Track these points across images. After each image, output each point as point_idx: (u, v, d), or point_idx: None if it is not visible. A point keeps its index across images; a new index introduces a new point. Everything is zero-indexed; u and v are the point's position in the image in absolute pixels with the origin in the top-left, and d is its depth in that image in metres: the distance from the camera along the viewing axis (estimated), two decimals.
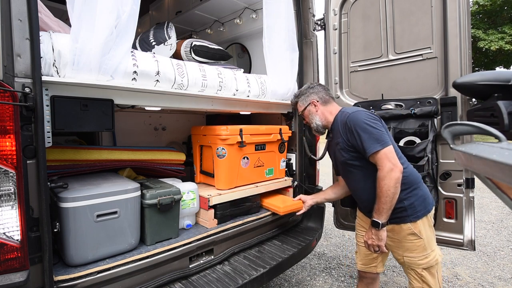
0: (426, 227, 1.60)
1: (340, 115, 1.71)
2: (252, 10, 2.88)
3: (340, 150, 1.68)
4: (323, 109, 1.83)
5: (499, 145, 0.59)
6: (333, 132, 1.76)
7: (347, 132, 1.60)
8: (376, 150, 1.47)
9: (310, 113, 1.85)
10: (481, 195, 5.79)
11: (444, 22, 2.02)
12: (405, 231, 1.59)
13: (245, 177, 2.24)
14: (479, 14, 17.06)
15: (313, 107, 1.84)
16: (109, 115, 1.42)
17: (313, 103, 1.84)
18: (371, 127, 1.51)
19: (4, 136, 1.06)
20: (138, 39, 2.01)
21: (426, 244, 1.58)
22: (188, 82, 1.78)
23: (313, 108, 1.84)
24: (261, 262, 1.92)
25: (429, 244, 1.59)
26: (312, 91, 1.88)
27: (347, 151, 1.64)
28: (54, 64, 1.28)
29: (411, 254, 1.60)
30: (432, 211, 1.64)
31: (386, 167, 1.46)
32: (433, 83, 2.10)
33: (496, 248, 3.54)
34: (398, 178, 1.45)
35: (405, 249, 1.62)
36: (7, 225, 1.07)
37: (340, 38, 2.52)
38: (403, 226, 1.58)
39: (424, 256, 1.58)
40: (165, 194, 1.70)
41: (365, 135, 1.50)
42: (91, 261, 1.45)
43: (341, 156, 1.68)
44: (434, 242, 1.64)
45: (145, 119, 2.68)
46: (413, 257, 1.59)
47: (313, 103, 1.84)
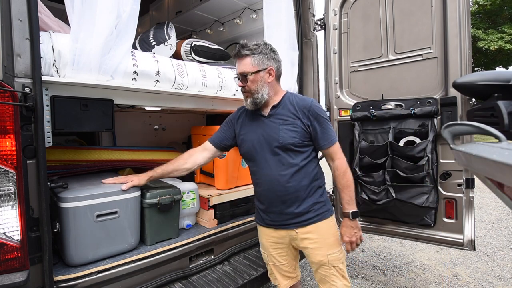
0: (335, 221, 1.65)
1: (294, 97, 1.55)
2: (252, 10, 2.88)
3: (289, 130, 1.48)
4: (275, 84, 1.55)
5: (499, 145, 0.59)
6: (276, 110, 1.53)
7: (309, 117, 1.47)
8: (336, 141, 1.51)
9: (262, 81, 1.48)
10: (481, 195, 5.79)
11: (444, 22, 2.02)
12: (329, 226, 1.57)
13: (245, 177, 2.24)
14: (479, 14, 17.07)
15: (268, 76, 1.50)
16: (109, 115, 1.42)
17: (269, 71, 1.50)
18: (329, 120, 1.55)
19: (4, 136, 1.06)
20: (138, 39, 2.01)
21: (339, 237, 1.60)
22: (188, 82, 1.78)
23: (268, 77, 1.50)
24: (261, 262, 1.92)
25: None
26: (274, 56, 1.53)
27: (301, 135, 1.47)
28: (54, 64, 1.28)
29: (334, 250, 1.54)
30: None
31: (344, 158, 1.52)
32: (433, 83, 2.10)
33: (496, 248, 3.54)
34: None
35: (329, 246, 1.54)
36: (7, 225, 1.07)
37: (340, 38, 2.52)
38: (326, 221, 1.56)
39: (340, 250, 1.58)
40: (165, 194, 1.70)
41: (328, 126, 1.50)
42: (91, 261, 1.45)
43: (289, 137, 1.47)
44: None
45: (145, 119, 2.68)
46: (335, 253, 1.54)
47: (270, 71, 1.50)
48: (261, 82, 1.48)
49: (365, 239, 3.86)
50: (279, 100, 1.55)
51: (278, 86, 1.59)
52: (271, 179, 1.51)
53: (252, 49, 1.47)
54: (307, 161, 1.52)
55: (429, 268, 3.09)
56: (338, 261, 1.55)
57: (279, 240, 1.61)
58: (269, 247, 1.65)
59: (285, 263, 1.65)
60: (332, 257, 1.54)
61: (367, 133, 2.30)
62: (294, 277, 1.70)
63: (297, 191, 1.50)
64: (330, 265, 1.54)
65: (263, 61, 1.48)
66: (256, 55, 1.47)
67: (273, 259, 1.66)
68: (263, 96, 1.49)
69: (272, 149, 1.50)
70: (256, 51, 1.47)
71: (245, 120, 1.63)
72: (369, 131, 2.29)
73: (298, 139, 1.47)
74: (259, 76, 1.48)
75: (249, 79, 1.48)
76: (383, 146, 2.14)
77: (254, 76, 1.47)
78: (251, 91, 1.49)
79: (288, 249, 1.64)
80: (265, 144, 1.51)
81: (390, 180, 2.11)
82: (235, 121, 1.67)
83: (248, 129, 1.59)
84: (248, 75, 1.47)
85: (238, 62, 1.52)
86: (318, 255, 1.54)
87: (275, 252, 1.64)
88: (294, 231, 1.54)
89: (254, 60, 1.47)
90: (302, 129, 1.48)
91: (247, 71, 1.47)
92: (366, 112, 2.25)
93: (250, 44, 1.49)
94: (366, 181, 2.20)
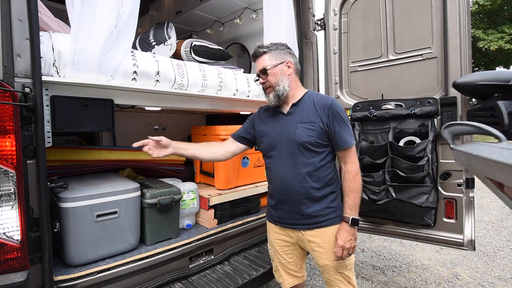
0: None
1: (315, 95, 1.55)
2: (252, 10, 2.88)
3: (306, 129, 1.47)
4: (295, 78, 1.58)
5: (499, 145, 0.59)
6: (296, 109, 1.54)
7: (328, 115, 1.46)
8: (353, 143, 1.48)
9: (282, 73, 1.52)
10: (481, 195, 5.79)
11: (444, 22, 2.02)
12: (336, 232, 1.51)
13: (245, 177, 2.25)
14: (479, 14, 17.06)
15: (287, 69, 1.54)
16: (109, 115, 1.42)
17: (288, 64, 1.54)
18: (349, 121, 1.52)
19: (4, 136, 1.06)
20: (138, 39, 2.01)
21: None
22: (188, 82, 1.78)
23: (287, 69, 1.53)
24: (261, 262, 1.92)
25: None
26: (290, 51, 1.59)
27: (318, 134, 1.46)
28: (54, 64, 1.28)
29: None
30: None
31: (358, 163, 1.48)
32: (433, 83, 2.10)
33: (496, 248, 3.54)
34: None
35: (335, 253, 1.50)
36: (7, 225, 1.07)
37: (340, 38, 2.52)
38: (335, 227, 1.51)
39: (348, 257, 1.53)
40: (165, 194, 1.70)
41: (347, 127, 1.47)
42: (91, 261, 1.45)
43: (306, 136, 1.46)
44: None
45: (145, 119, 2.68)
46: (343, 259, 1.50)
47: (288, 64, 1.54)
48: (281, 74, 1.52)
49: (365, 239, 3.86)
50: (299, 98, 1.55)
51: (298, 81, 1.60)
52: (283, 176, 1.52)
53: (268, 47, 1.56)
54: (322, 163, 1.48)
55: (429, 268, 3.09)
56: (345, 268, 1.53)
57: (286, 238, 1.61)
58: (275, 244, 1.65)
59: (291, 261, 1.64)
60: (338, 263, 1.52)
61: (367, 133, 2.30)
62: (299, 277, 1.68)
63: (308, 192, 1.48)
64: (335, 270, 1.53)
65: (280, 55, 1.54)
66: (272, 51, 1.54)
67: (279, 256, 1.66)
68: (284, 88, 1.52)
69: (288, 147, 1.50)
70: (272, 48, 1.55)
71: (265, 117, 1.65)
72: (369, 131, 2.29)
73: (315, 138, 1.46)
74: (278, 69, 1.52)
75: (269, 73, 1.52)
76: (383, 146, 2.14)
77: (273, 69, 1.52)
78: (272, 84, 1.53)
79: (294, 248, 1.62)
80: (281, 141, 1.52)
81: (390, 180, 2.11)
82: (256, 118, 1.71)
83: (268, 126, 1.61)
84: (267, 69, 1.52)
85: (257, 61, 1.58)
86: (324, 259, 1.53)
87: (281, 250, 1.64)
88: (301, 232, 1.54)
89: (272, 55, 1.54)
90: (320, 127, 1.46)
91: (266, 66, 1.53)
92: (366, 112, 2.25)
93: (265, 44, 1.59)
94: (366, 181, 2.20)
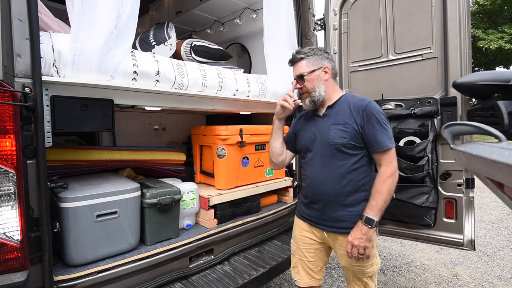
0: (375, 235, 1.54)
1: (352, 97, 1.54)
2: (252, 10, 2.88)
3: (339, 130, 1.48)
4: (332, 83, 1.58)
5: (499, 145, 0.59)
6: (331, 111, 1.55)
7: (363, 117, 1.44)
8: (391, 146, 1.42)
9: (319, 79, 1.53)
10: (481, 195, 5.79)
11: (444, 22, 2.02)
12: None
13: (245, 177, 2.24)
14: (479, 14, 17.06)
15: (324, 74, 1.54)
16: (109, 115, 1.42)
17: (325, 70, 1.55)
18: (388, 123, 1.46)
19: (4, 136, 1.06)
20: (138, 39, 2.01)
21: (374, 251, 1.53)
22: (188, 82, 1.78)
23: (323, 75, 1.54)
24: (261, 262, 1.92)
25: (375, 252, 1.54)
26: (328, 56, 1.58)
27: (352, 136, 1.45)
28: (54, 64, 1.28)
29: (361, 263, 1.50)
30: None
31: (394, 166, 1.41)
32: (433, 83, 2.10)
33: (496, 248, 3.54)
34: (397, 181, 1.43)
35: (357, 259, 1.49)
36: (7, 225, 1.07)
37: (340, 38, 2.52)
38: None
39: (370, 265, 1.51)
40: (165, 194, 1.70)
41: (384, 129, 1.42)
42: (91, 261, 1.45)
43: (338, 137, 1.47)
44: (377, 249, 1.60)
45: (145, 119, 2.68)
46: (363, 267, 1.50)
47: (325, 69, 1.55)
48: (317, 81, 1.54)
49: None
50: (335, 100, 1.56)
51: (335, 85, 1.61)
52: (316, 177, 1.54)
53: (305, 52, 1.57)
54: (356, 166, 1.46)
55: (429, 268, 3.09)
56: (363, 274, 1.52)
57: (311, 236, 1.62)
58: (300, 240, 1.67)
59: (312, 260, 1.65)
60: (357, 269, 1.52)
61: None
62: (317, 279, 1.66)
63: (337, 195, 1.47)
64: (353, 273, 1.55)
65: (317, 61, 1.55)
66: (310, 56, 1.55)
67: (300, 253, 1.67)
68: (320, 94, 1.54)
69: (322, 148, 1.52)
70: (310, 54, 1.56)
71: (304, 120, 1.70)
72: None
73: (348, 139, 1.45)
74: (315, 75, 1.54)
75: (305, 79, 1.54)
76: None
77: (310, 76, 1.54)
78: (308, 90, 1.55)
79: (318, 249, 1.63)
80: (316, 143, 1.55)
81: None
82: (296, 122, 1.76)
83: (305, 128, 1.65)
84: (304, 75, 1.54)
85: (294, 67, 1.60)
86: (344, 260, 1.54)
87: (304, 247, 1.65)
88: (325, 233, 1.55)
89: (309, 61, 1.55)
90: (354, 129, 1.45)
91: (303, 72, 1.55)
92: None
93: (303, 49, 1.60)
94: None
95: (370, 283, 1.54)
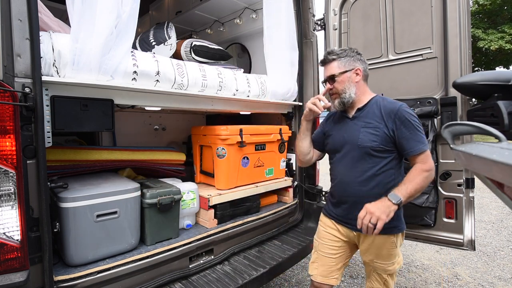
0: (401, 238, 1.58)
1: (382, 100, 1.53)
2: (252, 10, 2.88)
3: (369, 133, 1.48)
4: (363, 85, 1.58)
5: (499, 145, 0.59)
6: (361, 113, 1.55)
7: (395, 121, 1.43)
8: (425, 149, 1.40)
9: (349, 80, 1.53)
10: (481, 195, 5.79)
11: (444, 22, 2.02)
12: (386, 241, 1.52)
13: (245, 177, 2.24)
14: (479, 14, 17.06)
15: (355, 76, 1.54)
16: (109, 115, 1.42)
17: (357, 72, 1.54)
18: (420, 125, 1.45)
19: (4, 136, 1.06)
20: (138, 39, 2.01)
21: (397, 251, 1.56)
22: (188, 82, 1.78)
23: (354, 76, 1.54)
24: (261, 262, 1.92)
25: (398, 251, 1.57)
26: (360, 58, 1.58)
27: (382, 139, 1.45)
28: (54, 64, 1.28)
29: (382, 260, 1.54)
30: None
31: (431, 165, 1.39)
32: (433, 83, 2.10)
33: (496, 248, 3.54)
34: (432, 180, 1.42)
35: (378, 257, 1.55)
36: (7, 225, 1.07)
37: (340, 38, 2.52)
38: (385, 236, 1.51)
39: (392, 263, 1.55)
40: (165, 194, 1.70)
41: (417, 133, 1.41)
42: (91, 261, 1.45)
43: (368, 140, 1.47)
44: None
45: (145, 119, 2.68)
46: (383, 264, 1.55)
47: (357, 71, 1.54)
48: (348, 82, 1.54)
49: None
50: (366, 103, 1.56)
51: (366, 87, 1.60)
52: (343, 178, 1.57)
53: (338, 54, 1.57)
54: (385, 169, 1.46)
55: (429, 268, 3.09)
56: (384, 271, 1.55)
57: (336, 233, 1.65)
58: (324, 236, 1.69)
59: (333, 258, 1.66)
60: (378, 265, 1.55)
61: None
62: (334, 278, 1.66)
63: (365, 196, 1.46)
64: (374, 269, 1.58)
65: (349, 63, 1.55)
66: (342, 58, 1.55)
67: (322, 248, 1.69)
68: (350, 96, 1.54)
69: (351, 150, 1.53)
70: (342, 55, 1.56)
71: (333, 121, 1.71)
72: None
73: (378, 143, 1.45)
74: (346, 77, 1.54)
75: (336, 80, 1.55)
76: None
77: (341, 77, 1.54)
78: (338, 91, 1.55)
79: (340, 247, 1.65)
80: (345, 144, 1.56)
81: None
82: (325, 122, 1.77)
83: (334, 129, 1.66)
84: (335, 76, 1.55)
85: (326, 67, 1.60)
86: (365, 256, 1.59)
87: (327, 243, 1.68)
88: (353, 233, 1.59)
89: (341, 63, 1.55)
90: (384, 133, 1.44)
91: (334, 73, 1.55)
92: None
93: (336, 50, 1.59)
94: None
95: (390, 281, 1.57)
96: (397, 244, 1.54)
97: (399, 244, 1.55)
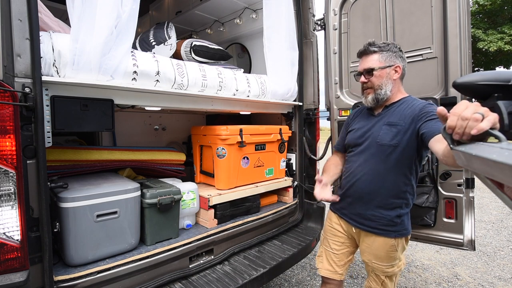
0: (404, 242, 1.55)
1: (413, 101, 1.48)
2: (252, 10, 2.88)
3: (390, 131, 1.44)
4: (399, 83, 1.53)
5: (499, 145, 0.59)
6: (387, 111, 1.51)
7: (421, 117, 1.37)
8: None
9: (388, 76, 1.48)
10: (481, 195, 5.79)
11: (444, 22, 2.02)
12: (386, 244, 1.49)
13: (245, 177, 2.24)
14: (479, 14, 17.05)
15: (394, 73, 1.49)
16: (109, 115, 1.42)
17: (396, 69, 1.49)
18: None
19: (4, 136, 1.06)
20: (138, 39, 2.01)
21: (398, 255, 1.53)
22: (188, 82, 1.78)
23: (393, 73, 1.48)
24: (261, 262, 1.92)
25: (399, 254, 1.54)
26: (401, 55, 1.52)
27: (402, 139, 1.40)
28: (54, 64, 1.28)
29: (381, 262, 1.52)
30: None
31: None
32: (433, 83, 2.10)
33: (496, 248, 3.54)
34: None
35: (377, 258, 1.53)
36: (7, 225, 1.07)
37: (340, 38, 2.52)
38: (386, 239, 1.48)
39: (391, 265, 1.52)
40: (165, 194, 1.70)
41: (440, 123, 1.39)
42: (91, 261, 1.45)
43: (387, 138, 1.43)
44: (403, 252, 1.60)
45: (145, 119, 2.68)
46: (382, 265, 1.52)
47: (396, 68, 1.49)
48: (386, 78, 1.48)
49: None
50: (395, 101, 1.52)
51: (401, 86, 1.56)
52: (355, 172, 1.55)
53: (380, 46, 1.50)
54: (399, 172, 1.43)
55: (429, 268, 3.10)
56: (382, 273, 1.54)
57: (339, 228, 1.66)
58: (328, 231, 1.73)
59: (337, 253, 1.67)
60: (377, 266, 1.54)
61: None
62: (339, 273, 1.67)
63: (372, 194, 1.45)
64: (372, 269, 1.57)
65: (391, 58, 1.49)
66: (384, 52, 1.49)
67: (327, 243, 1.73)
68: (386, 93, 1.49)
69: (369, 146, 1.51)
70: (385, 49, 1.49)
71: (358, 117, 1.69)
72: None
73: (397, 142, 1.42)
74: (385, 72, 1.48)
75: (374, 74, 1.48)
76: None
77: (380, 72, 1.48)
78: (374, 86, 1.49)
79: (343, 243, 1.66)
80: (365, 140, 1.54)
81: None
82: (349, 120, 1.74)
83: (358, 124, 1.64)
84: (374, 70, 1.48)
85: (364, 59, 1.53)
86: (364, 256, 1.60)
87: (331, 238, 1.69)
88: (352, 229, 1.60)
89: (382, 57, 1.48)
90: (406, 133, 1.40)
91: (374, 66, 1.48)
92: None
93: (378, 42, 1.52)
94: None
95: (388, 282, 1.55)
96: (398, 248, 1.51)
97: (400, 248, 1.52)
